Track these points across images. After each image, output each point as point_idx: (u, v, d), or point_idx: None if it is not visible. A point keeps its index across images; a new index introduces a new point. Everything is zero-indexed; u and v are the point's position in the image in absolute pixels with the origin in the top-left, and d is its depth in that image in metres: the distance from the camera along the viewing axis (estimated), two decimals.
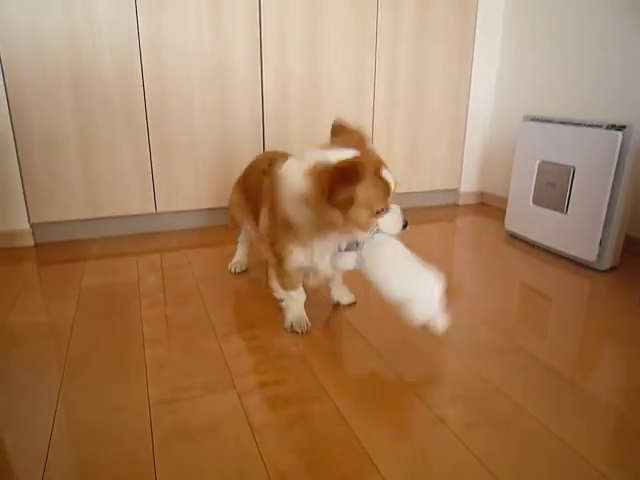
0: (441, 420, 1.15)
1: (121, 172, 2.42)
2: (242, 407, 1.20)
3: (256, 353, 1.45)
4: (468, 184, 3.26)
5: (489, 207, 3.21)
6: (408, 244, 1.38)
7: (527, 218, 2.44)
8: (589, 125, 2.09)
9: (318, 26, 2.59)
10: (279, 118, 2.66)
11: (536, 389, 1.28)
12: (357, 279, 1.46)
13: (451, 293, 1.39)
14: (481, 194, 3.31)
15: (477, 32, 2.96)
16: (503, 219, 2.64)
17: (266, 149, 2.68)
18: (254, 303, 1.79)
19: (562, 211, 2.23)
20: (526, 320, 1.70)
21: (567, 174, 2.18)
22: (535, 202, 2.39)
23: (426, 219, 2.98)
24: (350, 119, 1.44)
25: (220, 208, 2.56)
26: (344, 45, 2.68)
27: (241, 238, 2.07)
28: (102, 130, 2.35)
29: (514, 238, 2.57)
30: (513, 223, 2.56)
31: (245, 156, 2.17)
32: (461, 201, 3.28)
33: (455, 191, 3.28)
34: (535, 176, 2.37)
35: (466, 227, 2.87)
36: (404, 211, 1.38)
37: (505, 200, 2.65)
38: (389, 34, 2.76)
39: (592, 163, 2.06)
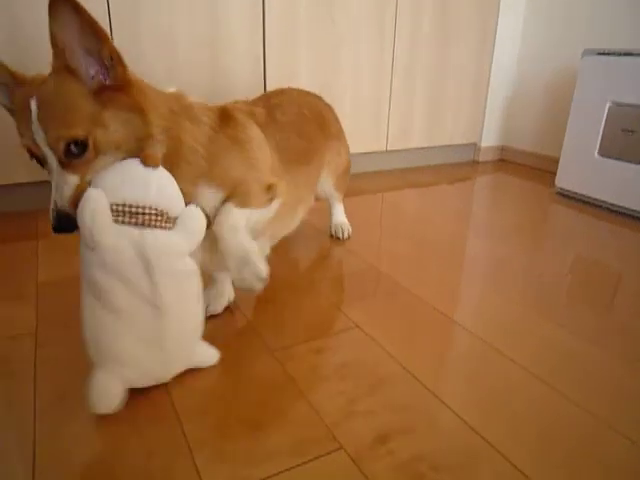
0: None
1: None
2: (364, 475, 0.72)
3: (344, 378, 0.96)
4: (489, 138, 2.84)
5: (512, 164, 2.82)
6: (442, 207, 0.92)
7: (589, 173, 2.04)
8: None
9: None
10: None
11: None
12: None
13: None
14: (501, 149, 2.90)
15: None
16: (532, 176, 2.25)
17: None
18: (299, 297, 1.29)
19: None
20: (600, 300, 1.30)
21: None
22: (602, 153, 1.99)
23: (450, 177, 2.54)
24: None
25: None
26: None
27: None
28: None
29: (567, 197, 2.18)
30: (568, 179, 2.16)
31: None
32: (481, 157, 2.86)
33: (474, 146, 2.86)
34: (604, 122, 1.95)
35: (500, 185, 2.46)
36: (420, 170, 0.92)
37: (531, 155, 2.26)
38: None
39: None
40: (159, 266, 0.80)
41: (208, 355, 0.96)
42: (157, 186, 0.82)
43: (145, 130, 0.84)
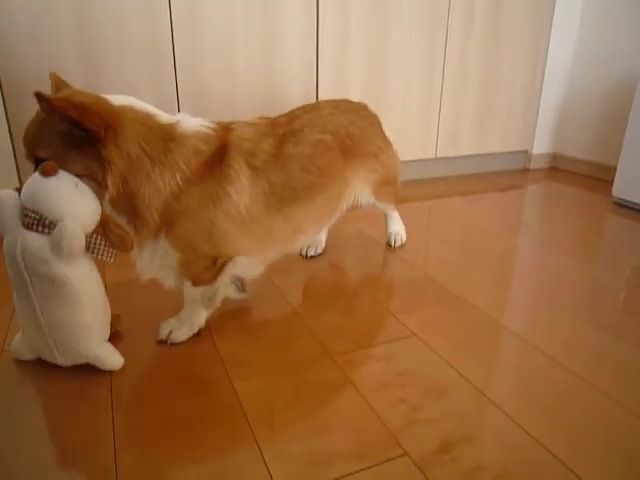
0: None
1: None
2: None
3: (403, 385, 0.97)
4: (540, 145, 2.79)
5: (565, 172, 2.75)
6: (492, 215, 0.90)
7: None
8: None
9: None
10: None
11: None
12: None
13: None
14: (554, 157, 2.84)
15: None
16: (586, 185, 2.19)
17: None
18: (355, 304, 1.31)
19: None
20: None
21: None
22: None
23: (500, 185, 2.51)
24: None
25: None
26: None
27: None
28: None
29: (624, 207, 2.12)
30: (626, 188, 2.10)
31: None
32: (532, 165, 2.81)
33: (525, 153, 2.81)
34: None
35: (552, 194, 2.41)
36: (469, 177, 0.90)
37: (585, 163, 2.20)
38: None
39: None
40: (26, 265, 0.90)
41: (110, 359, 1.01)
42: (40, 192, 0.90)
43: (99, 178, 0.94)
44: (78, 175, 0.93)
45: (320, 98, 2.15)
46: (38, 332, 0.95)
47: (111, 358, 1.01)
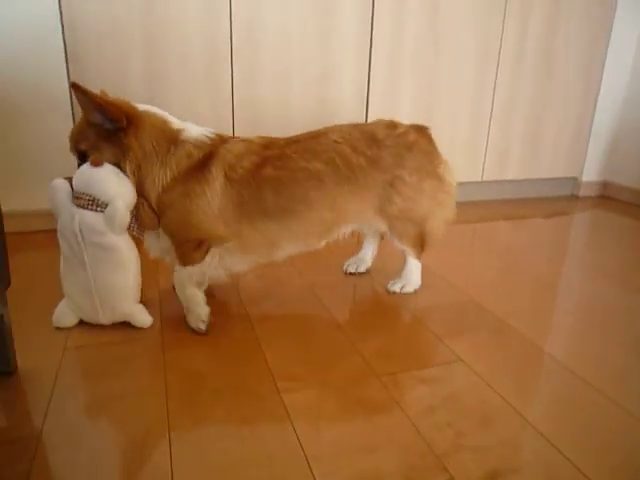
0: None
1: None
2: None
3: (450, 409, 0.98)
4: (590, 173, 2.74)
5: (615, 201, 2.69)
6: (538, 241, 0.89)
7: None
8: None
9: None
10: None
11: None
12: None
13: None
14: (604, 185, 2.78)
15: (618, 2, 2.43)
16: (638, 215, 2.14)
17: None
18: (401, 326, 1.32)
19: None
20: None
21: None
22: None
23: (546, 211, 2.48)
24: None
25: None
26: (467, 8, 2.17)
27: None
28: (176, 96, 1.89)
29: None
30: None
31: None
32: (581, 192, 2.76)
33: (574, 180, 2.77)
34: None
35: (601, 222, 2.36)
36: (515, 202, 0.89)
37: (637, 192, 2.14)
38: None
39: None
40: (83, 237, 1.13)
41: (141, 318, 1.23)
42: (92, 179, 1.13)
43: (122, 164, 1.17)
44: (109, 163, 1.15)
45: (370, 117, 2.18)
46: (85, 295, 1.17)
47: (144, 317, 1.24)
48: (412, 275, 1.49)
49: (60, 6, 1.69)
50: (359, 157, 1.30)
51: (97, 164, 1.14)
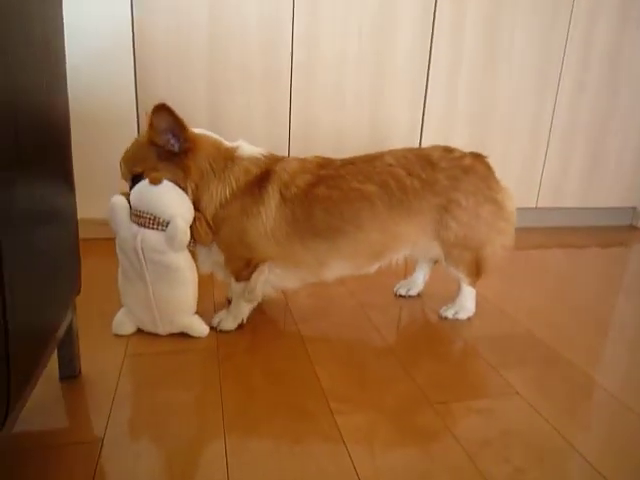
0: None
1: None
2: None
3: (509, 445, 0.95)
4: None
5: None
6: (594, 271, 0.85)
7: None
8: None
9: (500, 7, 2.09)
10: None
11: None
12: None
13: None
14: None
15: None
16: None
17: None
18: (455, 354, 1.30)
19: None
20: None
21: None
22: None
23: (603, 241, 2.40)
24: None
25: None
26: (527, 31, 2.16)
27: None
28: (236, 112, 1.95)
29: None
30: None
31: None
32: None
33: (634, 210, 2.67)
34: None
35: None
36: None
37: None
38: (586, 16, 2.20)
39: None
40: (145, 255, 1.16)
41: (199, 328, 1.27)
42: (152, 198, 1.16)
43: (182, 183, 1.20)
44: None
45: (424, 141, 2.18)
46: (144, 307, 1.21)
47: (201, 327, 1.27)
48: (466, 302, 1.46)
49: (133, 25, 1.78)
50: (413, 180, 1.29)
51: (156, 182, 1.17)
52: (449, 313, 1.45)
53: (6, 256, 0.61)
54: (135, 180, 1.22)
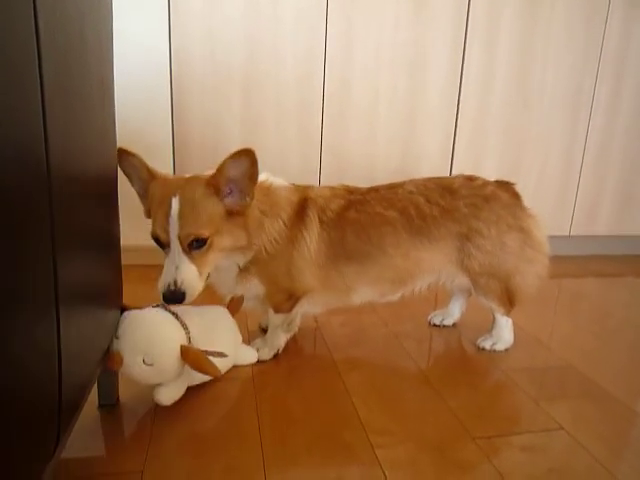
0: None
1: None
2: None
3: None
4: None
5: None
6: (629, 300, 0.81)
7: None
8: None
9: (534, 28, 2.10)
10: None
11: None
12: None
13: None
14: None
15: None
16: None
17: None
18: (495, 387, 1.27)
19: None
20: None
21: None
22: None
23: (638, 270, 2.34)
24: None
25: None
26: (560, 48, 2.16)
27: None
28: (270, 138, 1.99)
29: None
30: None
31: None
32: None
33: None
34: None
35: None
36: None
37: None
38: (619, 35, 2.21)
39: None
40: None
41: (249, 355, 1.29)
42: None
43: (245, 245, 1.16)
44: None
45: (454, 171, 2.19)
46: None
47: (251, 354, 1.30)
48: (503, 332, 1.43)
49: (170, 62, 1.84)
50: (432, 207, 1.31)
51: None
52: (487, 344, 1.43)
53: (61, 284, 0.63)
54: (191, 247, 1.06)
